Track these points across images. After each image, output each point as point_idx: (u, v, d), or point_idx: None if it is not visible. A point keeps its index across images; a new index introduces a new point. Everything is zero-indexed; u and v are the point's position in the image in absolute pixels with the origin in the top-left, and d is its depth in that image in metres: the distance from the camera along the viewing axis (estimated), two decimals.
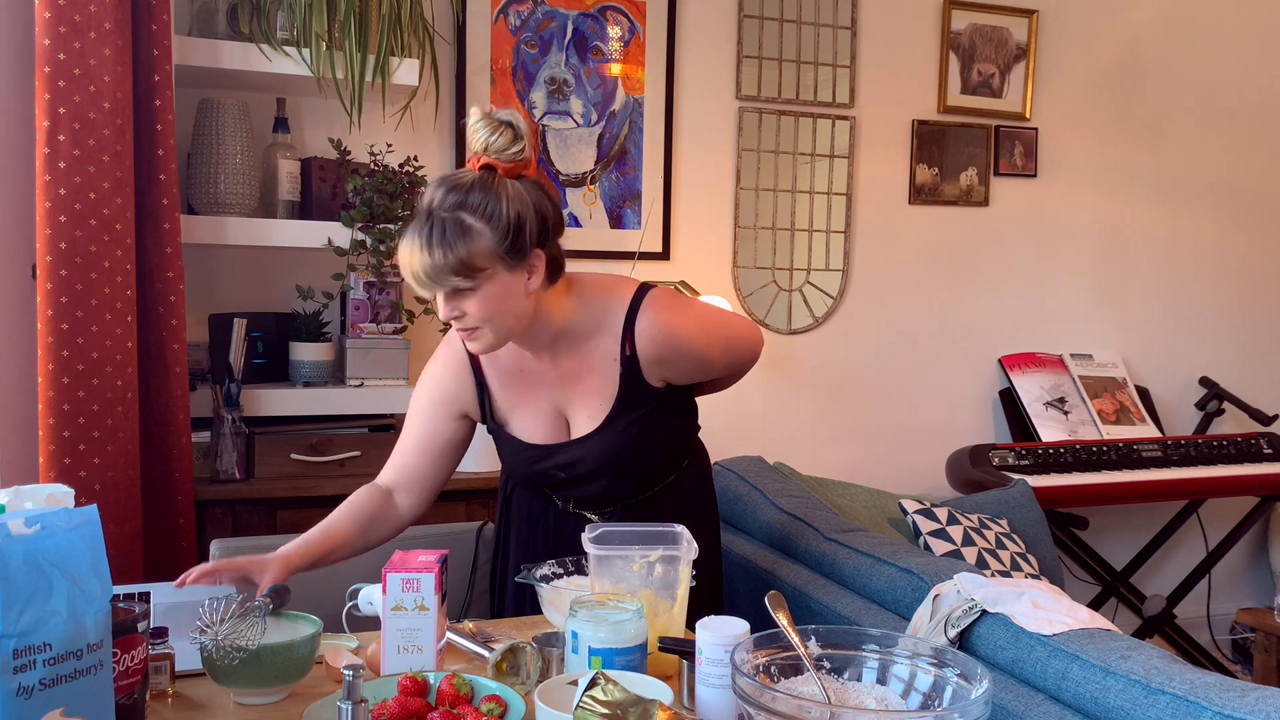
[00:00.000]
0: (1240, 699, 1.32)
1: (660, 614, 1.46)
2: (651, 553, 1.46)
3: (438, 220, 1.54)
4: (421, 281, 1.56)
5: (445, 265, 1.54)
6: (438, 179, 1.61)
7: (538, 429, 1.78)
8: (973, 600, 1.75)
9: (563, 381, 1.76)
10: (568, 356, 1.75)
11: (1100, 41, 3.74)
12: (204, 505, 2.43)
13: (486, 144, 1.58)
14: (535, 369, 1.77)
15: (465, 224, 1.54)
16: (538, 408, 1.78)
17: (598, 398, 1.75)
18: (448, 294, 1.57)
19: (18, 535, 1.04)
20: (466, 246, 1.54)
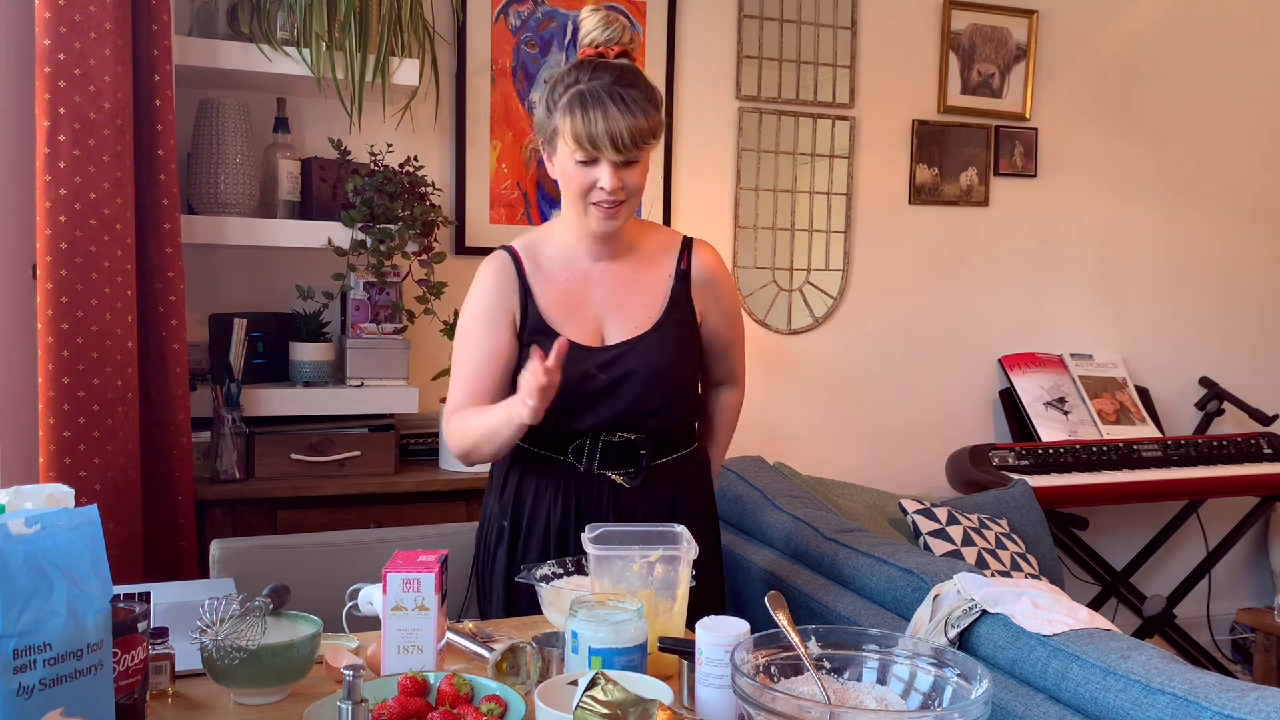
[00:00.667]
0: (1240, 699, 1.32)
1: (660, 614, 1.46)
2: (651, 553, 1.46)
3: (621, 93, 1.69)
4: (622, 144, 1.67)
5: (648, 128, 1.70)
6: (580, 65, 1.74)
7: (579, 337, 1.81)
8: (973, 600, 1.75)
9: (612, 291, 1.84)
10: (623, 266, 1.86)
11: (1100, 41, 3.74)
12: (204, 505, 2.43)
13: (620, 35, 1.79)
14: (584, 279, 1.84)
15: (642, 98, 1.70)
16: (582, 317, 1.83)
17: (644, 310, 1.84)
18: (619, 164, 1.71)
19: (18, 535, 1.04)
20: (652, 114, 1.71)
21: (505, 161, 3.04)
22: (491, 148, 3.03)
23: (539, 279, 1.84)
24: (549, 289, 1.84)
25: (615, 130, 1.67)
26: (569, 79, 1.72)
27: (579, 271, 1.85)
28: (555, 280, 1.84)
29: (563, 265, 1.85)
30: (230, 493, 2.45)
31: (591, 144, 1.68)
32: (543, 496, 1.85)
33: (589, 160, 1.71)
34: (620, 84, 1.70)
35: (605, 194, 1.72)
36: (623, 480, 1.84)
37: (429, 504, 2.59)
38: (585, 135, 1.68)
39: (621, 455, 1.83)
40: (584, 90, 1.69)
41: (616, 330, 1.83)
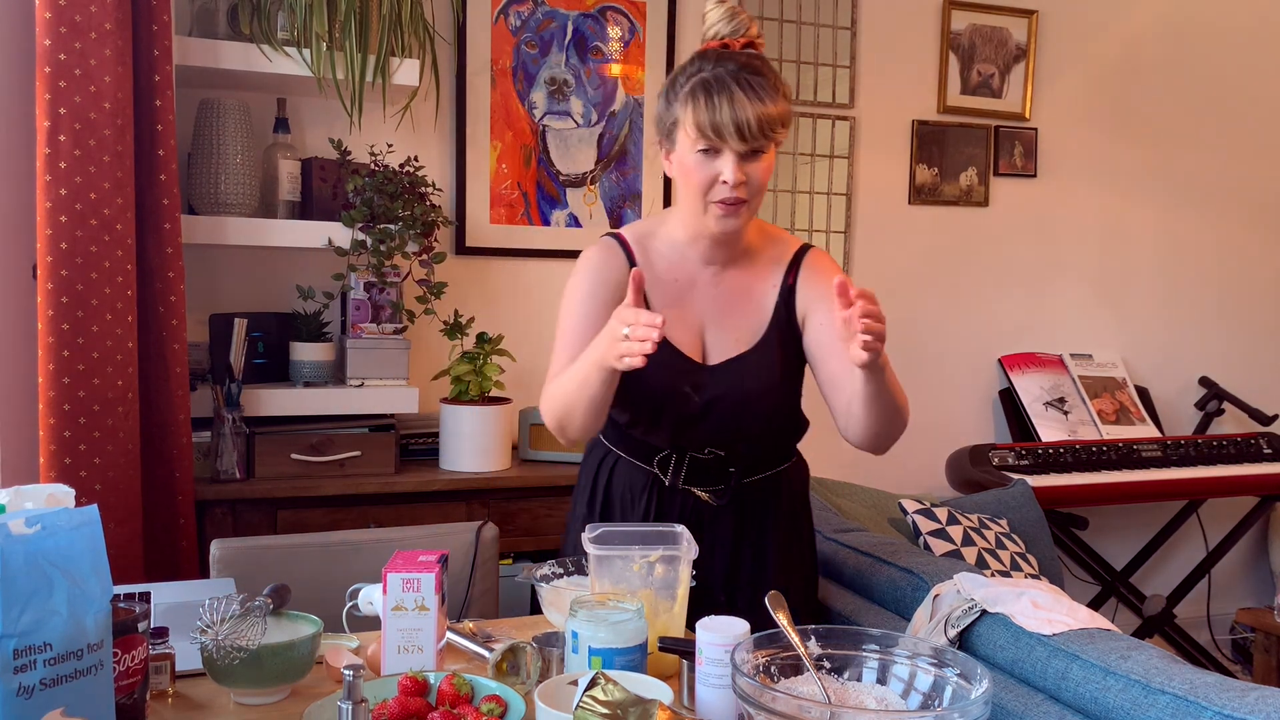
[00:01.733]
0: (1240, 699, 1.33)
1: (660, 614, 1.46)
2: (651, 553, 1.47)
3: (748, 80, 1.60)
4: (748, 132, 1.58)
5: (777, 115, 1.60)
6: (704, 54, 1.66)
7: (680, 344, 1.72)
8: (972, 600, 1.75)
9: (718, 300, 1.75)
10: (734, 273, 1.77)
11: (1100, 41, 3.74)
12: (204, 505, 2.43)
13: (744, 28, 1.71)
14: (693, 284, 1.75)
15: (770, 85, 1.62)
16: (686, 323, 1.74)
17: (748, 326, 1.74)
18: (743, 155, 1.60)
19: (18, 535, 1.04)
20: (783, 104, 1.62)
21: (505, 161, 3.04)
22: (492, 148, 3.03)
23: (648, 273, 1.74)
24: (657, 286, 1.75)
25: (741, 117, 1.57)
26: (691, 68, 1.65)
27: (687, 273, 1.76)
28: (664, 278, 1.75)
29: (671, 264, 1.76)
30: (230, 493, 2.45)
31: (715, 132, 1.58)
32: (628, 506, 1.80)
33: (710, 150, 1.61)
34: (746, 71, 1.61)
35: (728, 188, 1.62)
36: (708, 498, 1.77)
37: (429, 504, 2.59)
38: (709, 123, 1.58)
39: (709, 472, 1.75)
40: (708, 77, 1.61)
41: (718, 345, 1.74)
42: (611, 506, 1.83)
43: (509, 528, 2.64)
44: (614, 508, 1.82)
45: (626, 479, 1.81)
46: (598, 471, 1.85)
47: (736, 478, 1.76)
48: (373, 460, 2.60)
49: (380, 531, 2.12)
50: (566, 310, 1.76)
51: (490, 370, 2.68)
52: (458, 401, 2.68)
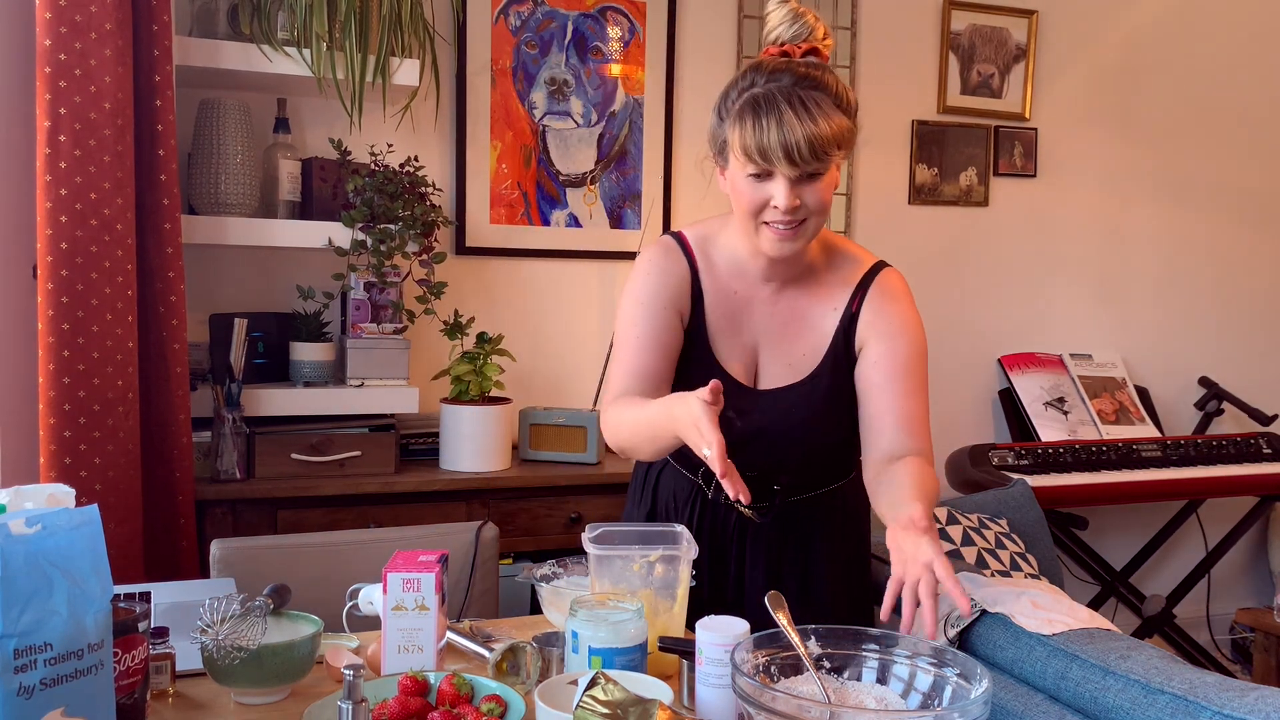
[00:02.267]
0: (1240, 699, 1.33)
1: (660, 614, 1.46)
2: (651, 553, 1.46)
3: (801, 96, 1.47)
4: (799, 156, 1.45)
5: (831, 136, 1.46)
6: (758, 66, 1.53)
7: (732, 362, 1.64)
8: (972, 600, 1.75)
9: (775, 321, 1.65)
10: (793, 295, 1.66)
11: (1100, 41, 3.74)
12: (204, 505, 2.43)
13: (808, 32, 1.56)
14: (750, 301, 1.65)
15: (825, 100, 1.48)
16: (740, 341, 1.65)
17: (804, 352, 1.64)
18: (798, 177, 1.48)
19: (18, 535, 1.04)
20: (837, 120, 1.48)
21: (505, 161, 3.04)
22: (492, 148, 3.03)
23: (710, 280, 1.65)
24: (716, 296, 1.65)
25: (790, 140, 1.44)
26: (744, 82, 1.52)
27: (746, 287, 1.65)
28: (724, 289, 1.65)
29: (731, 275, 1.66)
30: (230, 493, 2.45)
31: (762, 156, 1.46)
32: (674, 513, 1.75)
33: (761, 174, 1.50)
34: (802, 86, 1.48)
35: (780, 213, 1.50)
36: (751, 514, 1.68)
37: (429, 504, 2.59)
38: (755, 146, 1.46)
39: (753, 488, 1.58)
40: (758, 95, 1.48)
41: (771, 369, 1.65)
42: (658, 512, 1.78)
43: (509, 528, 2.64)
44: (659, 513, 1.78)
45: (673, 486, 1.76)
46: (647, 474, 1.81)
47: (781, 496, 1.68)
48: (373, 460, 2.60)
49: (380, 531, 2.12)
50: (627, 318, 1.65)
51: (490, 370, 2.68)
52: (458, 401, 2.68)
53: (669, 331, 1.63)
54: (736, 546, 1.71)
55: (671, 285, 1.65)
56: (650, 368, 1.61)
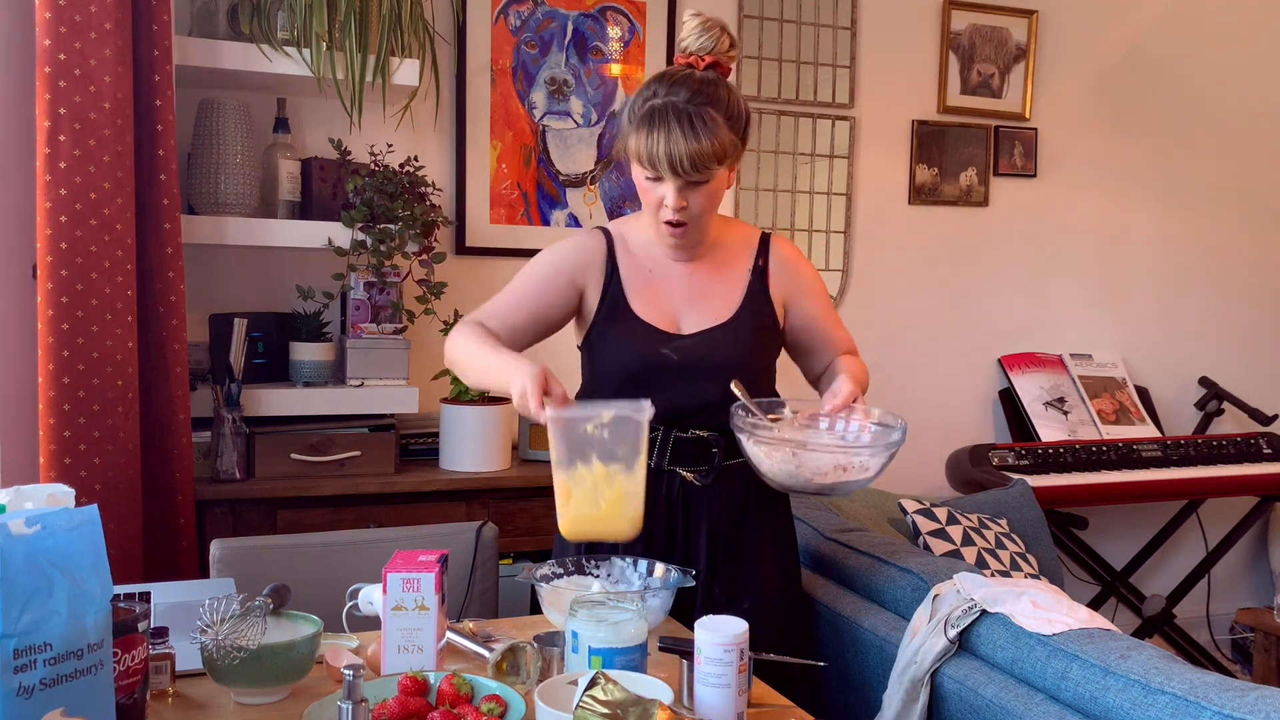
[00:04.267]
0: (1240, 699, 1.33)
1: (616, 478, 1.49)
2: (605, 413, 1.50)
3: (691, 113, 1.65)
4: (681, 169, 1.65)
5: (711, 153, 1.65)
6: (663, 77, 1.71)
7: (655, 321, 1.81)
8: (972, 600, 1.75)
9: (691, 286, 1.83)
10: (704, 263, 1.85)
11: (1100, 41, 3.74)
12: (204, 505, 2.43)
13: (714, 44, 1.74)
14: (664, 274, 1.84)
15: (715, 116, 1.67)
16: (660, 306, 1.82)
17: (722, 302, 1.83)
18: (683, 185, 1.68)
19: (18, 535, 1.04)
20: (722, 136, 1.67)
21: (505, 161, 3.04)
22: (491, 148, 3.03)
23: (626, 259, 1.84)
24: (633, 272, 1.84)
25: (675, 153, 1.64)
26: (647, 91, 1.71)
27: (659, 264, 1.85)
28: (639, 265, 1.84)
29: (644, 255, 1.85)
30: (230, 493, 2.45)
31: (652, 164, 1.67)
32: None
33: (655, 178, 1.70)
34: (695, 101, 1.66)
35: (669, 212, 1.72)
36: (693, 478, 1.81)
37: (429, 504, 2.59)
38: (647, 155, 1.67)
39: (693, 452, 1.81)
40: (657, 105, 1.67)
41: (693, 321, 1.82)
42: None
43: (509, 528, 2.64)
44: None
45: None
46: None
47: (720, 458, 1.80)
48: (373, 460, 2.60)
49: (380, 531, 2.12)
50: (529, 271, 1.85)
51: None
52: (458, 401, 2.68)
53: (551, 302, 1.82)
54: (681, 511, 1.82)
55: (577, 268, 1.83)
56: (514, 321, 1.80)
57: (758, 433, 1.65)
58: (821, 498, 1.83)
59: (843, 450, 1.65)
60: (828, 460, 1.63)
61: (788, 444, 1.63)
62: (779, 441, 1.63)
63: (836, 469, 1.63)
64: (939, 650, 1.73)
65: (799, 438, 1.66)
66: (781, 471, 1.64)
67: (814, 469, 1.62)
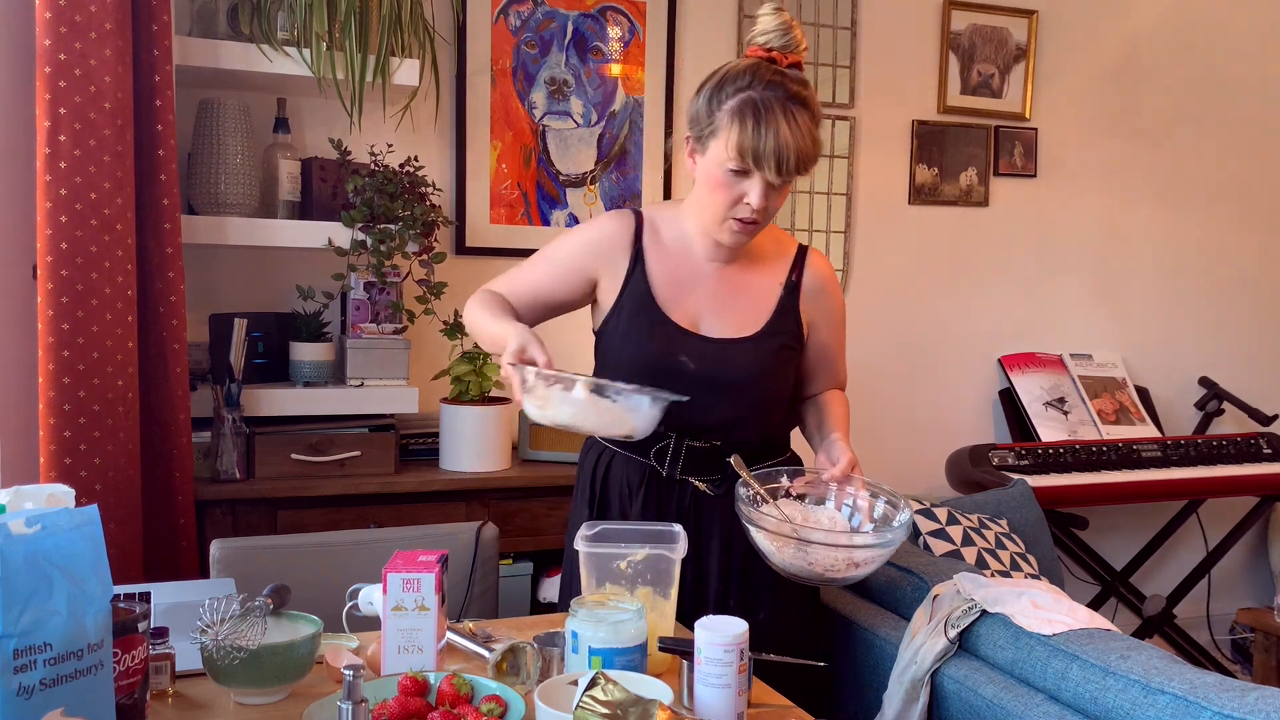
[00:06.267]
0: (1240, 699, 1.33)
1: (650, 611, 1.46)
2: (638, 551, 1.48)
3: (794, 110, 1.59)
4: (785, 166, 1.59)
5: (813, 154, 1.63)
6: (747, 69, 1.63)
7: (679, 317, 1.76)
8: (972, 600, 1.75)
9: (720, 291, 1.78)
10: (736, 270, 1.79)
11: (1100, 41, 3.74)
12: (204, 505, 2.43)
13: (795, 46, 1.67)
14: (694, 273, 1.78)
15: (811, 120, 1.63)
16: (684, 305, 1.77)
17: (749, 316, 1.78)
18: (778, 183, 1.62)
19: (18, 535, 1.04)
20: (819, 141, 1.64)
21: (505, 161, 3.04)
22: (492, 148, 3.03)
23: (654, 248, 1.79)
24: (661, 265, 1.78)
25: (782, 149, 1.58)
26: (741, 81, 1.62)
27: (690, 262, 1.79)
28: (668, 259, 1.78)
29: (676, 250, 1.79)
30: (230, 493, 2.45)
31: (754, 160, 1.59)
32: (626, 499, 1.81)
33: (742, 172, 1.62)
34: (794, 101, 1.60)
35: (749, 210, 1.64)
36: (706, 487, 1.77)
37: (429, 504, 2.59)
38: (750, 149, 1.58)
39: (706, 461, 1.76)
40: (757, 100, 1.59)
41: (715, 328, 1.77)
42: (609, 503, 1.83)
43: (509, 528, 2.64)
44: (611, 504, 1.83)
45: (623, 474, 1.82)
46: (594, 469, 1.86)
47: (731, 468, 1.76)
48: (373, 460, 2.60)
49: (380, 531, 2.12)
50: (548, 255, 1.82)
51: (490, 370, 2.68)
52: (458, 401, 2.68)
53: (566, 285, 1.80)
54: (693, 521, 1.78)
55: (601, 251, 1.79)
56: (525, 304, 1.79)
57: (764, 524, 1.57)
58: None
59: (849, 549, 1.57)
60: (841, 557, 1.56)
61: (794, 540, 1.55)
62: (786, 539, 1.55)
63: (849, 565, 1.56)
64: (939, 650, 1.73)
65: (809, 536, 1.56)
66: (794, 567, 1.57)
67: (826, 565, 1.56)
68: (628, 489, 1.81)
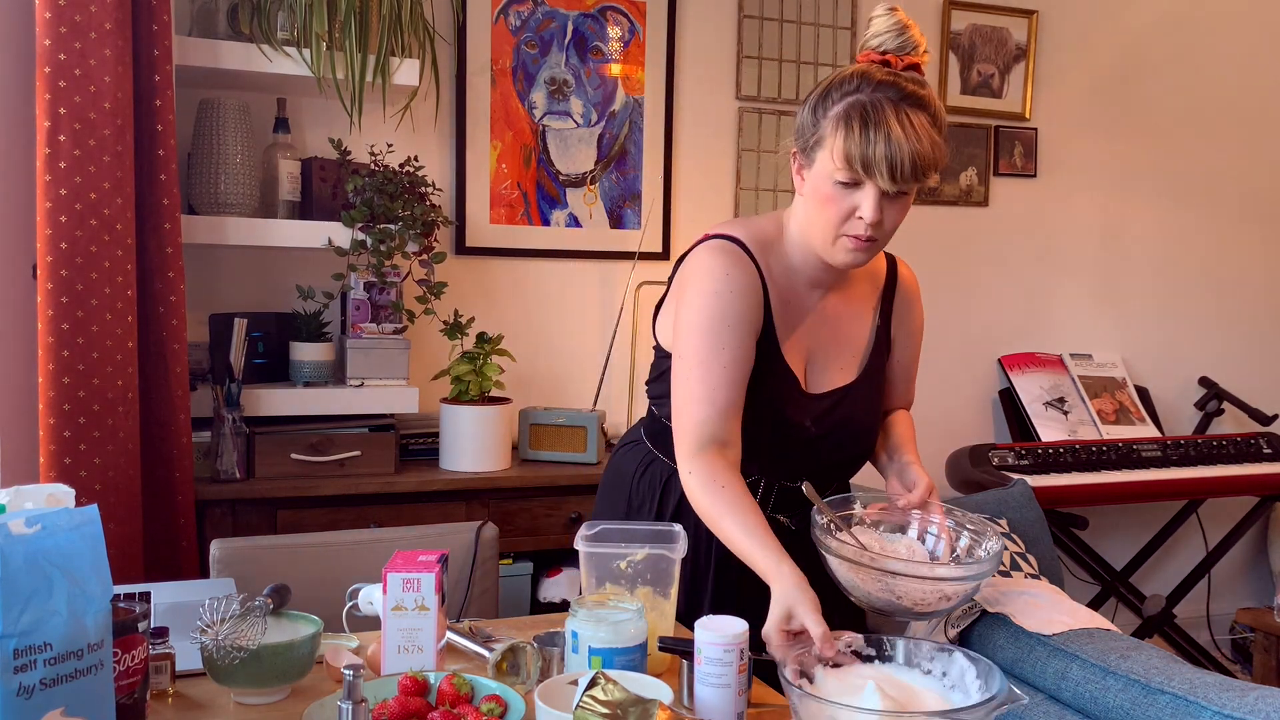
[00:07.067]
0: (1240, 699, 1.33)
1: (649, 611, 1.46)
2: (638, 551, 1.47)
3: (909, 113, 1.45)
4: (900, 174, 1.43)
5: (933, 159, 1.46)
6: (856, 74, 1.49)
7: (796, 369, 1.62)
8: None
9: (823, 327, 1.65)
10: (834, 297, 1.66)
11: (1100, 41, 3.74)
12: (204, 505, 2.43)
13: (913, 46, 1.53)
14: (801, 309, 1.63)
15: (930, 122, 1.47)
16: (798, 347, 1.62)
17: (850, 353, 1.66)
18: (893, 193, 1.46)
19: (18, 535, 1.04)
20: (939, 142, 1.48)
21: (505, 161, 3.04)
22: (492, 148, 3.03)
23: (773, 287, 1.60)
24: (779, 304, 1.60)
25: (896, 156, 1.42)
26: (848, 85, 1.48)
27: (797, 294, 1.63)
28: (782, 296, 1.61)
29: (785, 283, 1.62)
30: (230, 493, 2.45)
31: (865, 167, 1.44)
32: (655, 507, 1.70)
33: (852, 183, 1.47)
34: (908, 102, 1.46)
35: (863, 225, 1.48)
36: (788, 522, 1.66)
37: (429, 504, 2.59)
38: (859, 156, 1.44)
39: (794, 499, 1.65)
40: (865, 102, 1.45)
41: (822, 374, 1.64)
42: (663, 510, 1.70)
43: (509, 528, 2.64)
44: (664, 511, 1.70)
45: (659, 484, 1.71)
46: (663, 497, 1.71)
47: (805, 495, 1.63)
48: (373, 460, 2.60)
49: (380, 531, 2.12)
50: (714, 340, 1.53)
51: (490, 370, 2.68)
52: (458, 401, 2.68)
53: (749, 359, 1.56)
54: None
55: (750, 301, 1.57)
56: (736, 402, 1.54)
57: (844, 553, 1.45)
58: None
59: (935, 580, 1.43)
60: (929, 589, 1.43)
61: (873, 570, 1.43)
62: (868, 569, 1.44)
63: (940, 599, 1.44)
64: None
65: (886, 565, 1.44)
66: (881, 601, 1.46)
67: (915, 599, 1.44)
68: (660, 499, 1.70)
